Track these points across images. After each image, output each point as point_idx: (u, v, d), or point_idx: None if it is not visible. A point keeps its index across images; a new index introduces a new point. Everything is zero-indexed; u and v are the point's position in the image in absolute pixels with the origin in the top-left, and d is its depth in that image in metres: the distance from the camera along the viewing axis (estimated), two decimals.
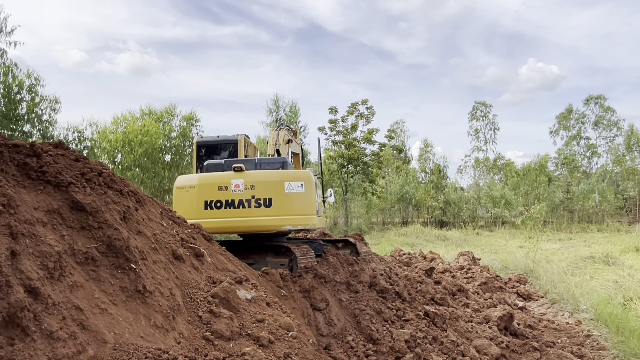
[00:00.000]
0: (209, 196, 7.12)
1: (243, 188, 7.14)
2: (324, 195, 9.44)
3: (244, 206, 7.01)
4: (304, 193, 6.95)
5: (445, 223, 39.25)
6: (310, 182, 7.09)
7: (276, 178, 7.13)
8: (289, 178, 7.09)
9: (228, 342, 3.71)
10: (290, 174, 7.21)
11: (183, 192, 7.33)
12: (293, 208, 6.92)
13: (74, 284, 3.03)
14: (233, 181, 7.18)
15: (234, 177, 7.22)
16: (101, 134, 24.80)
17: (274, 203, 6.98)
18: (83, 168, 3.88)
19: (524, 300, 9.94)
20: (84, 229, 3.46)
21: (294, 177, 7.11)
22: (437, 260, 13.36)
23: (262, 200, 7.06)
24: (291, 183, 7.04)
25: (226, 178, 7.24)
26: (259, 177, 7.18)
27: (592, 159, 46.96)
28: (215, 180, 7.26)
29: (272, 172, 7.36)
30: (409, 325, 5.98)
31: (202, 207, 7.07)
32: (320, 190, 8.73)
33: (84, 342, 2.73)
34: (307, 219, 6.93)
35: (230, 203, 7.05)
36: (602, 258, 14.72)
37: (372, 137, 33.42)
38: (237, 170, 7.24)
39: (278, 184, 7.06)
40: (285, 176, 7.13)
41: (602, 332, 7.43)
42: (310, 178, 7.16)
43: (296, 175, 7.18)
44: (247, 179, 7.17)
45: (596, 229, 33.79)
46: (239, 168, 7.25)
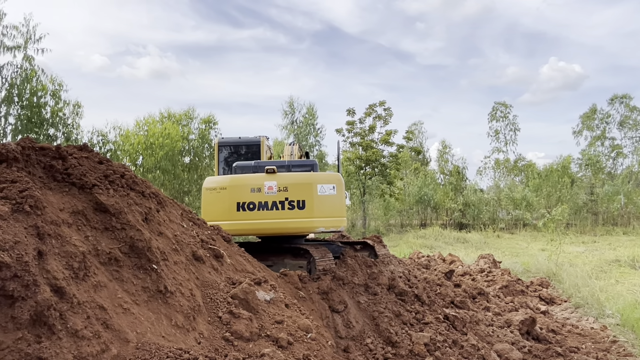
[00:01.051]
0: (241, 198, 7.13)
1: (276, 190, 7.16)
2: None
3: (277, 208, 7.06)
4: (336, 195, 7.07)
5: (465, 225, 38.74)
6: (341, 185, 7.21)
7: (309, 180, 7.20)
8: (321, 180, 7.18)
9: (247, 342, 3.73)
10: (322, 177, 7.30)
11: (214, 194, 7.34)
12: (325, 210, 7.03)
13: (98, 283, 3.10)
14: (266, 183, 7.20)
15: (267, 178, 7.25)
16: (124, 137, 25.30)
17: (307, 205, 7.04)
18: (106, 170, 3.96)
19: (546, 304, 9.74)
20: (108, 230, 3.54)
21: (326, 179, 7.21)
22: (456, 263, 13.20)
23: (295, 202, 7.09)
24: (323, 185, 7.12)
25: (259, 180, 7.25)
26: (292, 179, 7.22)
27: (617, 159, 45.81)
28: (248, 181, 7.27)
29: (305, 174, 7.44)
30: (429, 329, 5.92)
31: (235, 209, 7.08)
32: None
33: (108, 341, 2.78)
34: (338, 221, 7.06)
35: (263, 205, 7.08)
36: (628, 262, 14.33)
37: (390, 139, 33.25)
38: (270, 172, 7.27)
39: (311, 186, 7.12)
40: (317, 178, 7.21)
41: (629, 338, 7.22)
42: (341, 181, 7.27)
43: (328, 177, 7.27)
44: (280, 181, 7.20)
45: (622, 231, 32.88)
46: (271, 170, 7.27)
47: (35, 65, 20.28)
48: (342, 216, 7.10)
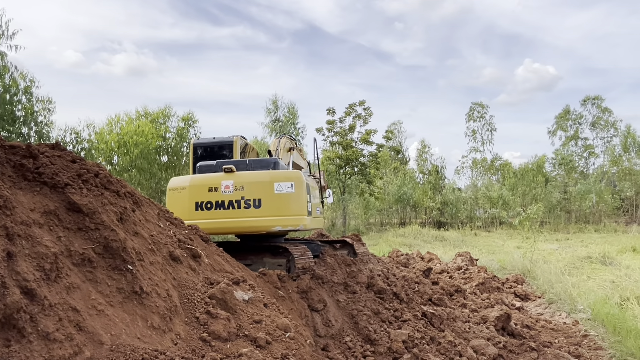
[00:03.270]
0: (199, 197, 7.14)
1: (233, 189, 7.14)
2: (322, 196, 9.45)
3: (233, 207, 7.02)
4: (294, 193, 6.90)
5: (443, 224, 39.31)
6: (301, 183, 7.03)
7: (266, 179, 7.11)
8: (279, 178, 7.06)
9: (225, 343, 3.71)
10: (280, 175, 7.16)
11: (175, 194, 7.38)
12: (283, 209, 6.88)
13: (71, 285, 3.03)
14: (223, 182, 7.19)
15: (224, 178, 7.23)
16: (98, 135, 24.75)
17: (264, 204, 6.97)
18: (80, 169, 3.87)
19: (521, 301, 9.96)
20: (81, 230, 3.46)
21: (284, 177, 7.07)
22: (434, 260, 13.38)
23: (251, 201, 7.06)
24: (281, 184, 7.01)
25: (216, 179, 7.25)
26: (248, 178, 7.17)
27: (590, 159, 47.16)
28: (206, 181, 7.28)
29: (262, 172, 7.33)
30: (407, 326, 5.99)
31: (194, 209, 7.08)
32: (318, 191, 8.69)
33: (81, 344, 2.72)
34: (297, 220, 6.86)
35: (220, 204, 7.06)
36: (599, 258, 14.77)
37: (369, 138, 33.47)
38: (227, 171, 7.25)
39: (267, 185, 7.03)
40: (274, 177, 7.10)
41: (599, 332, 7.45)
42: (301, 178, 7.09)
43: (286, 175, 7.13)
44: (237, 179, 7.17)
45: (593, 229, 33.91)
46: (229, 169, 7.25)
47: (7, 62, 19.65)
48: (301, 214, 6.92)
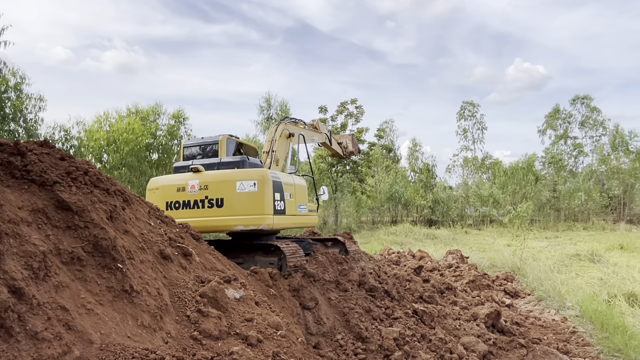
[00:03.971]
0: (169, 197, 7.30)
1: (198, 189, 7.25)
2: (317, 193, 9.42)
3: (198, 206, 7.10)
4: (257, 192, 6.85)
5: (434, 222, 39.51)
6: (265, 181, 6.95)
7: (228, 178, 7.13)
8: (241, 177, 7.04)
9: (216, 341, 3.70)
10: (242, 173, 7.14)
11: (151, 194, 7.55)
12: (244, 208, 6.84)
13: (60, 284, 3.00)
14: (190, 182, 7.32)
15: (191, 178, 7.36)
16: (88, 133, 24.50)
17: (226, 203, 7.00)
18: (69, 167, 3.84)
19: (511, 298, 10.05)
20: (70, 229, 3.43)
21: (246, 176, 7.04)
22: (425, 258, 13.44)
23: (214, 201, 7.12)
24: (243, 182, 6.99)
25: (184, 179, 7.39)
26: (212, 178, 7.24)
27: (579, 158, 47.65)
28: (175, 181, 7.44)
29: (225, 172, 7.35)
30: (398, 324, 6.01)
31: (164, 208, 7.20)
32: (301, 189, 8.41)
33: (70, 343, 2.70)
34: (259, 219, 6.77)
35: (186, 203, 7.19)
36: (587, 256, 14.94)
37: (361, 137, 33.50)
38: (194, 171, 7.35)
39: (230, 184, 7.04)
40: (237, 176, 7.09)
41: (587, 329, 7.55)
42: (265, 177, 7.00)
43: (249, 174, 7.09)
44: (202, 179, 7.27)
45: (582, 227, 34.31)
46: (195, 169, 7.36)
47: None
48: (264, 213, 6.83)
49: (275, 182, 7.19)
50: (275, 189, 7.16)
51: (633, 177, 40.89)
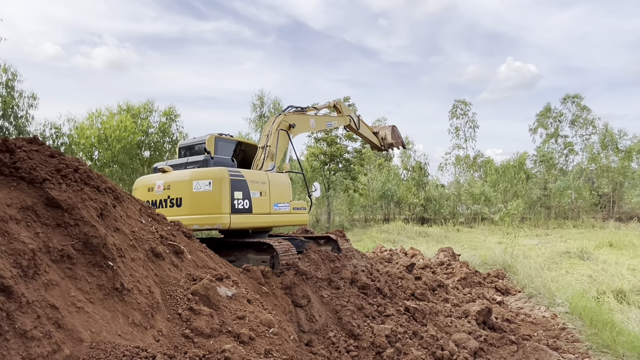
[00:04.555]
0: (142, 197, 7.46)
1: (162, 189, 7.43)
2: (308, 190, 9.34)
3: (162, 206, 7.25)
4: (212, 192, 6.82)
5: (426, 220, 39.69)
6: (220, 180, 6.86)
7: (185, 177, 7.18)
8: (198, 177, 7.04)
9: (208, 339, 3.69)
10: (199, 173, 7.13)
11: (134, 193, 7.74)
12: (200, 207, 6.85)
13: (49, 282, 2.97)
14: (157, 182, 7.52)
15: (159, 178, 7.54)
16: (78, 130, 24.27)
17: (184, 202, 7.06)
18: (58, 164, 3.80)
19: (502, 295, 10.13)
20: (60, 226, 3.40)
21: (202, 175, 7.03)
22: (417, 256, 13.51)
23: (174, 200, 7.22)
24: (199, 182, 6.99)
25: (153, 180, 7.60)
26: (173, 178, 7.35)
27: (569, 156, 48.08)
28: (147, 181, 7.72)
29: (184, 171, 7.40)
30: (390, 321, 6.04)
31: None
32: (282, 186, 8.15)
33: (60, 341, 2.68)
34: (213, 218, 6.73)
35: (154, 203, 7.36)
36: (577, 253, 15.10)
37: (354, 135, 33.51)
38: (162, 172, 7.55)
39: (187, 184, 7.09)
40: (194, 175, 7.10)
41: (577, 325, 7.63)
42: (221, 176, 6.90)
43: (205, 173, 7.06)
44: (166, 179, 7.43)
45: (572, 225, 34.65)
46: (162, 169, 7.55)
47: None
48: (218, 212, 6.75)
49: (235, 181, 7.08)
50: (234, 187, 7.04)
51: (622, 176, 41.38)
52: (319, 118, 9.84)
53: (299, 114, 9.35)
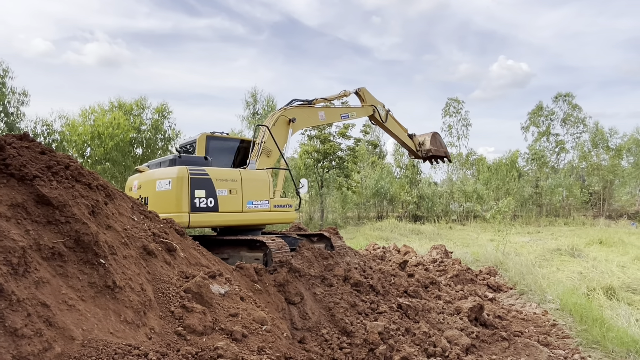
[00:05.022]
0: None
1: (137, 188, 7.74)
2: (297, 187, 9.18)
3: None
4: (171, 191, 6.91)
5: (419, 217, 39.85)
6: (179, 179, 6.89)
7: (151, 177, 7.37)
8: (160, 176, 7.16)
9: (201, 336, 3.68)
10: (161, 173, 7.21)
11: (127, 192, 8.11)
12: (162, 206, 6.95)
13: (40, 279, 2.95)
14: (134, 182, 7.88)
15: (136, 178, 7.91)
16: (70, 127, 24.06)
17: (150, 202, 7.28)
18: (49, 161, 3.76)
19: (493, 292, 10.21)
20: (51, 224, 3.37)
21: (164, 175, 7.12)
22: (410, 253, 13.56)
23: (143, 199, 7.45)
24: (161, 181, 7.07)
25: (133, 179, 8.02)
26: (143, 177, 7.64)
27: (560, 154, 48.47)
28: (129, 181, 8.17)
29: (151, 171, 7.63)
30: (383, 318, 6.06)
31: None
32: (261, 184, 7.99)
33: (51, 339, 2.66)
34: (173, 217, 6.61)
35: None
36: (568, 250, 15.25)
37: (347, 132, 33.54)
38: (139, 172, 7.89)
39: (152, 183, 7.28)
40: (157, 175, 7.26)
41: (567, 321, 7.71)
42: (180, 175, 6.92)
43: (166, 173, 7.12)
44: (140, 179, 7.73)
45: (563, 222, 34.97)
46: (138, 170, 7.88)
47: None
48: (177, 211, 6.77)
49: (196, 179, 7.06)
50: (195, 186, 7.02)
51: (612, 174, 41.80)
52: (332, 110, 9.32)
53: (302, 108, 8.98)
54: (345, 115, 9.60)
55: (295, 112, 8.84)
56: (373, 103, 10.09)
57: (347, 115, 9.60)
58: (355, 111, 9.77)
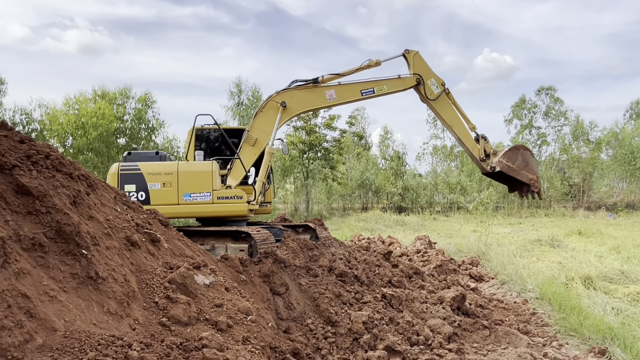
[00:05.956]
0: None
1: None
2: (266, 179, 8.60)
3: None
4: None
5: (404, 209, 40.17)
6: (113, 175, 7.63)
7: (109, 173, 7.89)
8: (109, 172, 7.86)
9: (185, 327, 3.68)
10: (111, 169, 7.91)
11: None
12: None
13: (20, 270, 2.90)
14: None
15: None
16: (51, 116, 23.52)
17: None
18: (29, 150, 3.68)
19: (475, 282, 10.39)
20: (31, 214, 3.31)
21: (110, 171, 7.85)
22: (395, 244, 13.69)
23: None
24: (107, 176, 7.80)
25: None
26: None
27: (542, 147, 49.20)
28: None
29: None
30: (367, 308, 6.13)
31: None
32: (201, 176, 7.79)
33: (32, 330, 2.63)
34: None
35: None
36: (548, 241, 15.56)
37: (333, 124, 33.54)
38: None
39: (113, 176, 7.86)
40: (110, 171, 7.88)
41: (546, 310, 7.90)
42: (112, 171, 7.68)
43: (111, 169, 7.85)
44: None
45: (544, 213, 35.64)
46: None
47: None
48: None
49: (126, 175, 7.61)
50: (124, 180, 7.56)
51: (592, 166, 42.65)
52: (346, 87, 7.96)
53: (300, 89, 8.08)
54: (368, 91, 7.93)
55: (287, 96, 8.11)
56: (422, 73, 8.01)
57: (371, 91, 7.89)
58: (386, 84, 7.87)
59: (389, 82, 7.89)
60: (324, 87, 7.94)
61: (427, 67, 8.11)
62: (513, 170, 8.05)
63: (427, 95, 7.99)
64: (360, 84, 8.00)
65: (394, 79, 7.87)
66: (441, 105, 8.14)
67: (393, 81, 7.91)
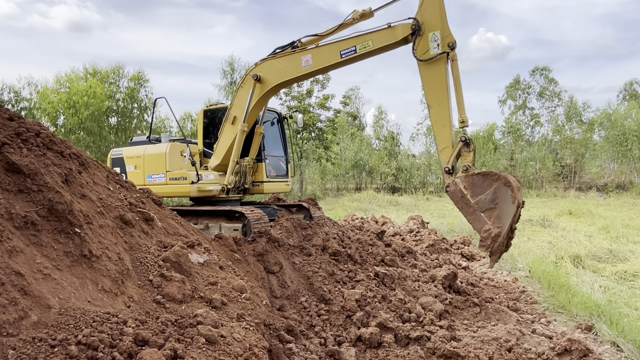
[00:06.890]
0: None
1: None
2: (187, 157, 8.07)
3: None
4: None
5: (397, 189, 40.36)
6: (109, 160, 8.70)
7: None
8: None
9: (180, 304, 3.71)
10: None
11: None
12: None
13: (13, 249, 2.89)
14: None
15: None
16: (41, 95, 23.12)
17: None
18: (18, 128, 3.63)
19: (467, 261, 10.53)
20: (22, 192, 3.28)
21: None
22: (388, 224, 13.80)
23: None
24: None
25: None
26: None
27: (535, 128, 49.33)
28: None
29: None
30: (360, 286, 6.21)
31: None
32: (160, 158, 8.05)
33: (26, 308, 2.64)
34: None
35: None
36: (539, 221, 15.76)
37: (327, 103, 33.30)
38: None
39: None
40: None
41: (536, 288, 8.05)
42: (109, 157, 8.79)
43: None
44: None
45: (535, 194, 35.98)
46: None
47: None
48: None
49: (115, 159, 8.64)
50: (114, 164, 8.49)
51: (584, 147, 42.92)
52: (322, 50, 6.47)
53: (275, 58, 7.02)
54: (349, 51, 6.14)
55: (263, 68, 7.12)
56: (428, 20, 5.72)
57: (352, 50, 6.08)
58: (372, 38, 5.97)
59: (374, 35, 5.95)
60: (300, 52, 6.63)
61: (440, 13, 5.68)
62: (466, 204, 5.37)
63: (419, 52, 5.71)
64: (338, 42, 6.27)
65: (382, 29, 5.94)
66: (432, 72, 5.68)
67: (380, 33, 5.93)
